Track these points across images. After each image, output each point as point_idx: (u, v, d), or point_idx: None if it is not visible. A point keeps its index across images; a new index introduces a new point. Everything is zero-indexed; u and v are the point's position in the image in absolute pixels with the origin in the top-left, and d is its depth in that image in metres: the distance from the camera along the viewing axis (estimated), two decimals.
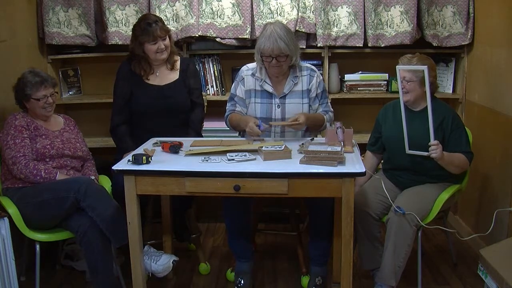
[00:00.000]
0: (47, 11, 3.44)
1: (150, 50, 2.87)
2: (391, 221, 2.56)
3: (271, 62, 2.66)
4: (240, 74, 2.86)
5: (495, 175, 3.04)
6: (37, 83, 2.67)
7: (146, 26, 2.84)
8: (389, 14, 3.44)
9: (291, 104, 2.78)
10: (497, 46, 3.05)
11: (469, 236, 3.06)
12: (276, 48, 2.60)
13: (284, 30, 2.65)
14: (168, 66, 2.99)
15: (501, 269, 2.20)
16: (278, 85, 2.79)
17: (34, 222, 2.56)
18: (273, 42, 2.60)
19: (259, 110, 2.79)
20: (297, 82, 2.78)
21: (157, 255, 2.56)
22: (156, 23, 2.85)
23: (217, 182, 2.23)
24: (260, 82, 2.79)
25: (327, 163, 2.23)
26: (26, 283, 2.83)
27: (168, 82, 2.98)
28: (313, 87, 2.80)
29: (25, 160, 2.58)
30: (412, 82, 2.62)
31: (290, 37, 2.66)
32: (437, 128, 2.56)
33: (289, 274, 3.03)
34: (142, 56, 2.91)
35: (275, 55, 2.62)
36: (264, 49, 2.63)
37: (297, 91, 2.79)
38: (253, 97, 2.81)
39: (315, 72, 2.83)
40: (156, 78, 2.98)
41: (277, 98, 2.78)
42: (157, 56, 2.89)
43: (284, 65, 2.69)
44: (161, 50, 2.89)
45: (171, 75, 3.00)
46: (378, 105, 3.14)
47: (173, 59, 3.01)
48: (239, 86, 2.84)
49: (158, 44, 2.86)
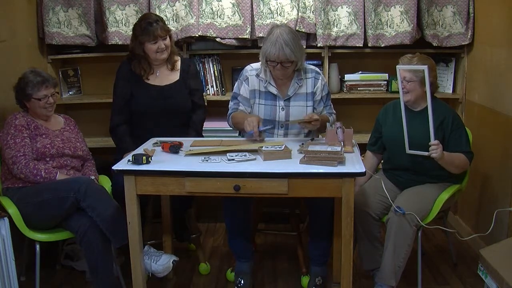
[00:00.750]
0: (47, 11, 3.44)
1: (150, 49, 2.87)
2: (391, 221, 2.56)
3: (276, 67, 2.64)
4: (244, 73, 2.83)
5: (495, 175, 3.04)
6: (38, 83, 2.67)
7: (146, 26, 2.83)
8: (389, 14, 3.44)
9: (295, 107, 2.77)
10: (497, 46, 3.05)
11: (469, 236, 3.06)
12: (282, 55, 2.57)
13: (290, 35, 2.59)
14: (168, 66, 2.99)
15: (501, 269, 2.19)
16: (283, 87, 2.78)
17: (34, 222, 2.56)
18: (278, 49, 2.56)
19: (263, 111, 2.78)
20: (301, 85, 2.77)
21: (157, 255, 2.56)
22: (157, 23, 2.85)
23: (217, 182, 2.23)
24: (264, 83, 2.77)
25: (327, 163, 2.23)
26: (26, 283, 2.83)
27: (169, 83, 2.98)
28: (318, 90, 2.79)
29: (25, 160, 2.58)
30: (413, 82, 2.62)
31: (296, 43, 2.61)
32: (437, 128, 2.56)
33: (289, 274, 3.03)
34: (142, 56, 2.90)
35: (280, 61, 2.60)
36: (270, 54, 2.59)
37: (301, 94, 2.78)
38: (257, 98, 2.80)
39: (319, 74, 2.82)
40: (156, 78, 2.98)
41: (282, 100, 2.76)
42: (157, 56, 2.89)
43: (289, 69, 2.67)
44: (162, 49, 2.88)
45: (171, 76, 3.00)
46: (378, 105, 3.14)
47: (174, 59, 3.00)
48: (243, 85, 2.82)
49: (159, 44, 2.86)
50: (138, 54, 2.90)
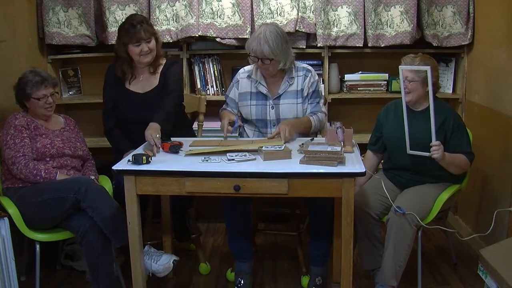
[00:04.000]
0: (47, 11, 3.44)
1: (133, 52, 2.80)
2: (391, 221, 2.56)
3: (257, 63, 2.70)
4: (236, 77, 2.91)
5: (495, 175, 3.04)
6: (37, 82, 2.67)
7: (129, 27, 2.77)
8: (389, 14, 3.44)
9: (285, 105, 2.79)
10: (497, 46, 3.05)
11: (469, 236, 3.06)
12: (259, 51, 2.63)
13: (274, 34, 2.63)
14: (150, 69, 2.90)
15: (501, 269, 2.19)
16: (273, 86, 2.81)
17: (34, 222, 2.55)
18: (257, 44, 2.63)
19: (254, 112, 2.81)
20: (292, 83, 2.79)
21: (157, 255, 2.56)
22: (141, 24, 2.77)
23: (217, 182, 2.23)
24: (255, 83, 2.81)
25: (327, 163, 2.23)
26: (26, 283, 2.83)
27: (149, 90, 2.90)
28: (305, 86, 2.80)
29: (25, 160, 2.58)
30: (414, 82, 2.62)
31: (278, 42, 2.63)
32: (438, 128, 2.55)
33: (289, 274, 3.03)
34: (125, 58, 2.84)
35: (258, 56, 2.66)
36: (250, 48, 2.67)
37: (291, 92, 2.79)
38: (249, 100, 2.83)
39: (310, 72, 2.83)
40: (138, 83, 2.91)
41: (271, 99, 2.79)
42: (140, 58, 2.82)
43: (270, 68, 2.70)
44: (145, 52, 2.80)
45: (153, 81, 2.92)
46: (378, 105, 3.14)
47: (158, 62, 2.91)
48: (233, 88, 2.89)
49: (142, 46, 2.78)
50: (122, 56, 2.84)
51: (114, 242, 2.51)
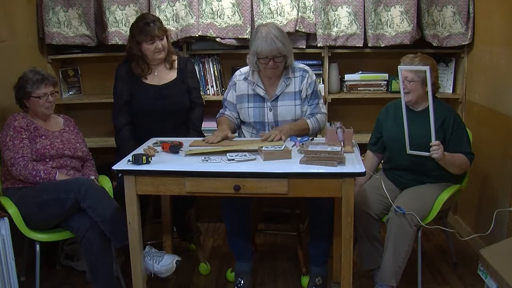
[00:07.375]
0: (47, 11, 3.44)
1: (148, 49, 2.88)
2: (391, 221, 2.56)
3: (268, 64, 2.67)
4: (233, 79, 2.90)
5: (495, 175, 3.04)
6: (37, 80, 2.68)
7: (144, 26, 2.85)
8: (389, 14, 3.44)
9: (283, 107, 2.78)
10: (497, 46, 3.05)
11: (469, 236, 3.06)
12: (274, 49, 2.62)
13: (278, 30, 2.67)
14: (166, 66, 3.00)
15: (501, 269, 2.19)
16: (270, 88, 2.81)
17: (34, 222, 2.55)
18: (270, 43, 2.61)
19: (252, 114, 2.81)
20: (289, 84, 2.78)
21: (159, 256, 2.56)
22: (154, 23, 2.86)
23: (217, 182, 2.23)
24: (252, 86, 2.80)
25: (327, 163, 2.23)
26: (26, 283, 2.83)
27: (166, 82, 2.99)
28: (303, 87, 2.80)
29: (24, 161, 2.58)
30: (414, 82, 2.63)
31: (285, 36, 2.69)
32: (438, 128, 2.56)
33: (289, 274, 3.03)
34: (139, 56, 2.91)
35: (272, 56, 2.63)
36: (262, 51, 2.63)
37: (289, 93, 2.79)
38: (246, 102, 2.83)
39: (307, 72, 2.82)
40: (154, 77, 2.98)
41: (269, 101, 2.79)
42: (155, 56, 2.90)
43: (280, 65, 2.71)
44: (159, 49, 2.90)
45: (169, 75, 3.01)
46: (378, 105, 3.14)
47: (171, 58, 3.02)
48: (230, 91, 2.89)
49: (156, 44, 2.87)
50: (135, 54, 2.91)
51: (114, 242, 2.51)
